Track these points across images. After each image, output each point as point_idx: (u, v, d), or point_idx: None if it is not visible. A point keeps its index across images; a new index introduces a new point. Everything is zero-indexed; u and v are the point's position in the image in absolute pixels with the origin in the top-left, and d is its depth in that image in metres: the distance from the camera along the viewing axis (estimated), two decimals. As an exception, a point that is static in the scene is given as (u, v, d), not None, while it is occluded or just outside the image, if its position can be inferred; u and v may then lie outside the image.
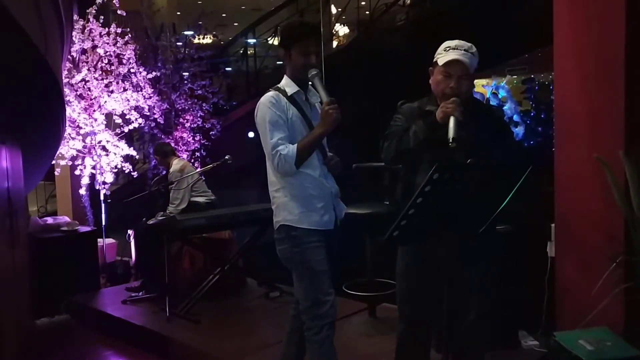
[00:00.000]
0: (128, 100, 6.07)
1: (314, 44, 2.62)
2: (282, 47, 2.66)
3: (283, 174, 2.58)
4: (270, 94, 2.63)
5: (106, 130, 5.98)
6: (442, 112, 2.31)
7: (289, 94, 2.63)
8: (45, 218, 5.53)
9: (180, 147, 6.95)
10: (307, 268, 2.57)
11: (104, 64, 5.99)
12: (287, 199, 2.61)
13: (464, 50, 2.40)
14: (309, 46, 2.59)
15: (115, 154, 6.01)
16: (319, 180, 2.63)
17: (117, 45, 6.02)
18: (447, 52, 2.41)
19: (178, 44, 7.44)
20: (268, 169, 2.69)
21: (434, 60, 2.48)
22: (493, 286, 2.59)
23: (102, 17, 5.97)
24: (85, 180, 5.92)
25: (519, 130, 8.07)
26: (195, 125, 7.14)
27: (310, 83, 2.64)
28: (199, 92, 7.27)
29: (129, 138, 6.60)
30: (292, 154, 2.51)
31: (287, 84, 2.66)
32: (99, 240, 5.71)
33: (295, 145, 2.53)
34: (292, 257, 2.61)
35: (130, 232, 5.83)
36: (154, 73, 6.52)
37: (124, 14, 6.22)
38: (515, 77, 10.95)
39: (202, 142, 7.20)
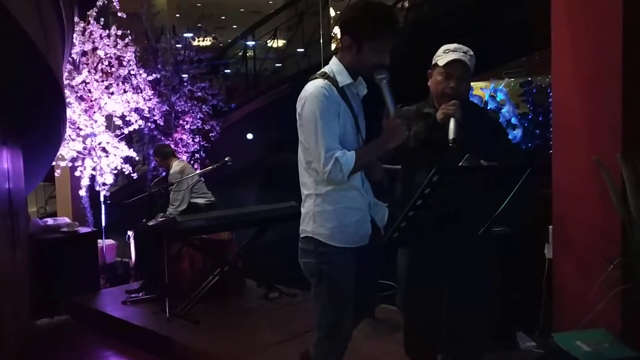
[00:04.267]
0: (128, 102, 6.08)
1: (393, 41, 2.19)
2: (350, 35, 2.19)
3: (332, 182, 2.20)
4: (321, 83, 2.18)
5: (106, 131, 6.00)
6: (443, 113, 2.40)
7: (340, 85, 2.22)
8: (46, 219, 5.54)
9: (180, 149, 6.97)
10: (331, 288, 2.29)
11: (104, 66, 6.00)
12: (320, 210, 2.27)
13: (463, 52, 2.49)
14: (389, 44, 2.18)
15: (115, 155, 6.02)
16: (358, 190, 2.30)
17: (118, 47, 6.03)
18: (447, 54, 2.49)
19: (178, 46, 7.46)
20: (302, 169, 2.33)
21: (433, 62, 2.56)
22: (492, 287, 2.61)
23: (103, 19, 5.99)
24: (85, 182, 5.93)
25: (517, 133, 8.09)
26: (194, 127, 7.16)
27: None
28: (199, 94, 7.30)
29: (129, 139, 6.61)
30: (350, 163, 2.14)
31: (340, 72, 2.23)
32: (98, 241, 5.71)
33: (353, 152, 2.17)
34: (317, 274, 2.30)
35: (130, 233, 5.84)
36: (154, 75, 6.54)
37: (124, 16, 6.24)
38: (513, 80, 10.98)
39: (202, 143, 7.22)
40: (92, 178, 5.98)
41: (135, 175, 6.56)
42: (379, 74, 2.19)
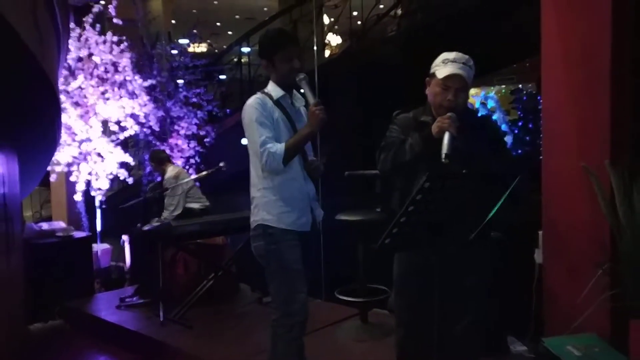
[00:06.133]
0: (124, 107, 6.11)
1: (295, 48, 2.70)
2: (263, 57, 2.72)
3: (270, 171, 2.63)
4: (256, 96, 2.70)
5: (102, 137, 6.02)
6: (438, 127, 2.32)
7: (274, 98, 2.70)
8: (41, 224, 5.54)
9: (175, 154, 6.98)
10: (281, 266, 2.66)
11: (100, 72, 6.03)
12: (267, 200, 2.67)
13: (462, 63, 2.41)
14: (291, 52, 2.66)
15: (110, 160, 6.04)
16: (299, 183, 2.71)
17: (113, 53, 6.07)
18: (446, 65, 2.41)
19: (173, 52, 7.49)
20: (251, 170, 2.75)
21: (431, 71, 2.48)
22: (487, 293, 2.63)
23: (99, 25, 6.02)
24: (80, 186, 5.94)
25: (507, 140, 8.15)
26: (190, 132, 7.18)
27: (299, 87, 2.72)
28: (194, 99, 7.31)
29: (125, 145, 6.64)
30: (280, 152, 2.57)
31: (273, 89, 2.73)
32: (93, 245, 5.73)
33: (283, 143, 2.61)
34: (266, 254, 2.69)
35: (124, 237, 5.85)
36: (149, 81, 6.56)
37: (120, 23, 6.27)
38: (504, 86, 11.04)
39: (197, 149, 7.23)
40: (88, 183, 6.00)
41: (130, 180, 6.56)
42: (298, 76, 2.66)
